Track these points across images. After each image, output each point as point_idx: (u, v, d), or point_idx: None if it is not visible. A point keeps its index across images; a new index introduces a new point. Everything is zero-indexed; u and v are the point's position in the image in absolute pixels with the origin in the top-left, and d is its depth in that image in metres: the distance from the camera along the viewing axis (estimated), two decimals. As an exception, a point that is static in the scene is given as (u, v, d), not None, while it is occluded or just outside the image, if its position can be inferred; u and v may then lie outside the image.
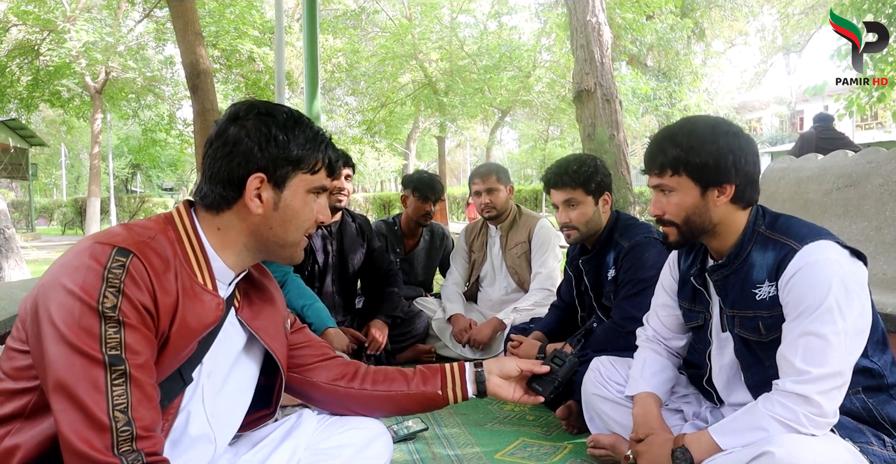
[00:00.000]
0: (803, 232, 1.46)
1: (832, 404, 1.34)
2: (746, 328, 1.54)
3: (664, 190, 1.55)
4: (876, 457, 1.39)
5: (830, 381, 1.33)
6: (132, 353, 0.99)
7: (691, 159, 1.49)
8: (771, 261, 1.47)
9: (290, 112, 1.20)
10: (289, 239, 1.22)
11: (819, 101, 28.54)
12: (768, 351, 1.49)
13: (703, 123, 1.54)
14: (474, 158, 35.59)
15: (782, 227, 1.51)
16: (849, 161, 3.06)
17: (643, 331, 1.93)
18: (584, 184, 2.38)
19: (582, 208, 2.40)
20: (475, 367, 1.45)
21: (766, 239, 1.50)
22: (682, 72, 18.64)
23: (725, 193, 1.50)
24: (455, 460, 2.10)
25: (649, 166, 1.58)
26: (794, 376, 1.36)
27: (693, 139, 1.50)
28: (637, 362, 1.87)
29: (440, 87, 19.97)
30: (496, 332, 3.20)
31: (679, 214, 1.54)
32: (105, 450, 0.94)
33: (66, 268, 1.01)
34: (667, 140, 1.54)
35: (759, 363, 1.54)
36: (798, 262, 1.41)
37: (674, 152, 1.51)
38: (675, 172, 1.52)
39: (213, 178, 1.16)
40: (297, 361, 1.40)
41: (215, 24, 14.42)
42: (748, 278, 1.51)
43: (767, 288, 1.47)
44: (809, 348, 1.35)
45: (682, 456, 1.45)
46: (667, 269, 1.87)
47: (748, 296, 1.51)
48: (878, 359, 1.47)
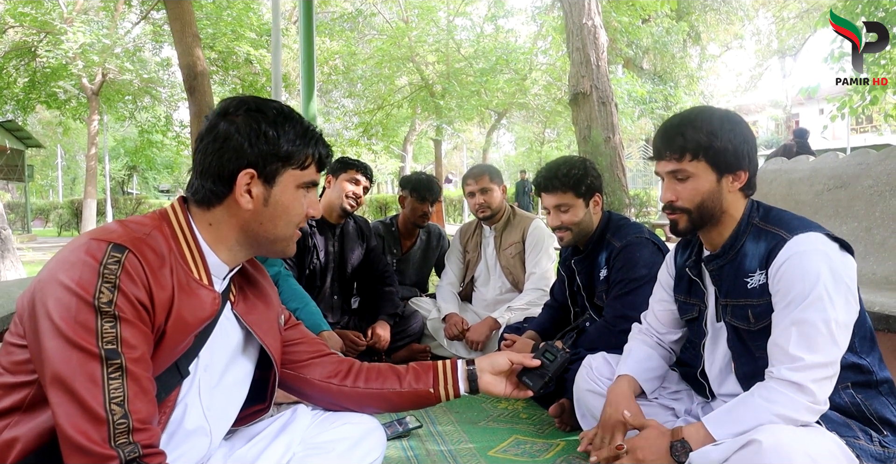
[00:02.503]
0: (794, 223, 1.50)
1: (824, 393, 1.37)
2: (737, 317, 1.56)
3: (679, 176, 1.55)
4: (863, 451, 1.41)
5: (822, 370, 1.36)
6: (128, 347, 1.01)
7: (714, 144, 1.49)
8: (762, 250, 1.50)
9: (280, 108, 1.21)
10: (279, 234, 1.23)
11: (814, 104, 28.65)
12: (757, 341, 1.52)
13: (718, 111, 1.56)
14: (471, 161, 35.59)
15: (775, 218, 1.54)
16: (840, 163, 3.09)
17: (638, 326, 1.96)
18: (575, 187, 2.40)
19: (574, 211, 2.41)
20: (467, 364, 1.47)
21: (759, 230, 1.53)
22: (677, 75, 18.71)
23: (740, 179, 1.53)
24: (449, 457, 2.12)
25: (665, 151, 1.56)
26: (787, 364, 1.38)
27: (714, 125, 1.51)
28: (624, 351, 1.91)
29: (437, 90, 19.99)
30: (492, 331, 3.22)
31: (694, 200, 1.54)
32: (102, 442, 0.96)
33: (63, 264, 1.02)
34: (686, 125, 1.53)
35: (748, 354, 1.57)
36: (788, 251, 1.44)
37: (696, 137, 1.50)
38: (694, 157, 1.51)
39: (204, 173, 1.17)
40: (291, 357, 1.42)
41: (212, 26, 14.43)
42: (741, 268, 1.54)
43: (758, 276, 1.50)
44: (801, 335, 1.38)
45: (682, 449, 1.45)
46: (664, 267, 1.90)
47: (741, 285, 1.54)
48: (867, 355, 1.49)
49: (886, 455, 1.44)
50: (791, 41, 24.62)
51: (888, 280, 2.49)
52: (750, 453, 1.30)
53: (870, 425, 1.46)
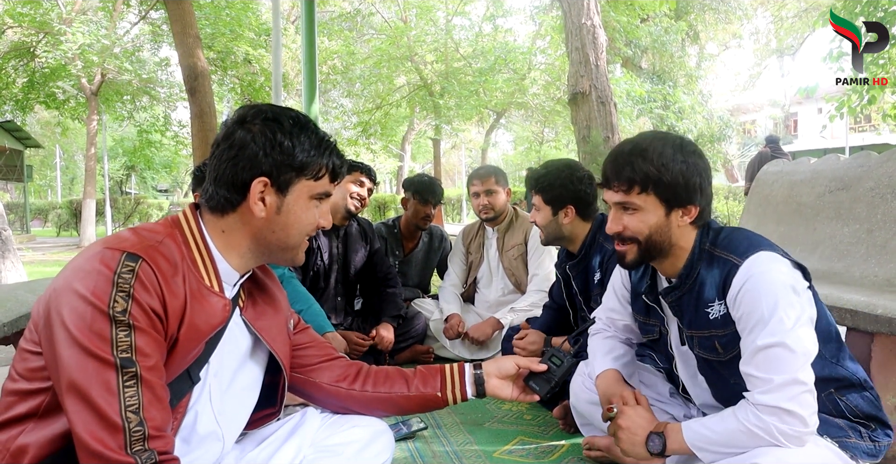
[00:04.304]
0: (743, 246, 1.45)
1: (805, 409, 1.31)
2: (705, 348, 1.52)
3: (626, 206, 1.49)
4: (857, 449, 1.44)
5: (795, 387, 1.31)
6: (142, 355, 1.02)
7: (663, 178, 1.42)
8: (717, 278, 1.45)
9: (297, 118, 1.22)
10: (290, 242, 1.24)
11: (812, 103, 28.70)
12: (730, 369, 1.48)
13: (671, 140, 1.47)
14: (469, 160, 35.62)
15: (723, 242, 1.49)
16: (841, 165, 3.10)
17: (594, 327, 1.90)
18: (541, 192, 2.46)
19: (543, 213, 2.49)
20: (474, 368, 1.48)
21: (711, 256, 1.48)
22: (676, 74, 18.69)
23: (690, 213, 1.47)
24: (454, 458, 2.13)
25: (612, 181, 1.49)
26: (760, 387, 1.35)
27: (664, 157, 1.43)
28: (590, 353, 1.86)
29: (435, 90, 19.97)
30: (494, 331, 3.23)
31: (641, 232, 1.48)
32: (119, 449, 0.97)
33: (78, 273, 1.04)
34: (636, 155, 1.45)
35: (723, 380, 1.54)
36: (742, 276, 1.40)
37: (645, 168, 1.43)
38: (643, 190, 1.45)
39: (218, 180, 1.19)
40: (301, 361, 1.43)
41: (211, 26, 14.41)
42: (700, 298, 1.49)
43: (718, 306, 1.46)
44: (768, 359, 1.34)
45: (657, 442, 1.45)
46: (618, 276, 1.84)
47: (702, 315, 1.49)
48: (839, 358, 1.48)
49: (877, 449, 1.47)
50: (790, 40, 24.62)
51: (890, 283, 2.50)
52: None
53: (858, 422, 1.48)
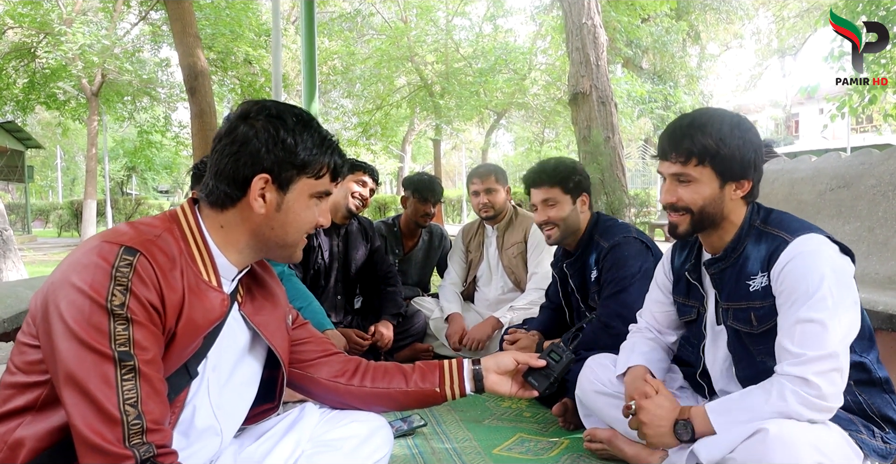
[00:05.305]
0: (795, 225, 1.49)
1: (831, 386, 1.33)
2: (739, 320, 1.55)
3: (681, 179, 1.52)
4: (866, 446, 1.43)
5: (826, 362, 1.34)
6: (140, 349, 1.02)
7: (721, 151, 1.46)
8: (764, 253, 1.49)
9: (300, 115, 1.21)
10: (288, 240, 1.24)
11: (813, 103, 28.67)
12: (759, 344, 1.52)
13: (729, 116, 1.51)
14: (470, 161, 35.59)
15: (775, 221, 1.53)
16: (842, 162, 3.10)
17: (635, 325, 1.96)
18: (562, 182, 2.45)
19: (560, 206, 2.46)
20: (473, 364, 1.48)
21: (760, 232, 1.52)
22: (677, 74, 18.71)
23: (743, 188, 1.51)
24: (453, 454, 2.13)
25: (671, 152, 1.51)
26: (790, 360, 1.37)
27: (724, 131, 1.46)
28: (626, 345, 1.88)
29: (436, 90, 19.99)
30: (494, 331, 3.23)
31: (695, 203, 1.51)
32: (117, 442, 0.97)
33: (76, 266, 1.03)
34: (696, 128, 1.48)
35: (749, 357, 1.57)
36: (790, 252, 1.43)
37: (704, 142, 1.46)
38: (700, 163, 1.48)
39: (219, 174, 1.18)
40: (299, 356, 1.43)
41: (210, 27, 14.43)
42: (743, 271, 1.53)
43: (760, 279, 1.49)
44: (804, 334, 1.37)
45: (685, 429, 1.46)
46: (661, 268, 1.89)
47: (742, 288, 1.53)
48: (866, 354, 1.50)
49: (888, 451, 1.47)
50: (791, 40, 24.62)
51: (891, 280, 2.50)
52: (756, 442, 1.32)
53: (872, 422, 1.48)
